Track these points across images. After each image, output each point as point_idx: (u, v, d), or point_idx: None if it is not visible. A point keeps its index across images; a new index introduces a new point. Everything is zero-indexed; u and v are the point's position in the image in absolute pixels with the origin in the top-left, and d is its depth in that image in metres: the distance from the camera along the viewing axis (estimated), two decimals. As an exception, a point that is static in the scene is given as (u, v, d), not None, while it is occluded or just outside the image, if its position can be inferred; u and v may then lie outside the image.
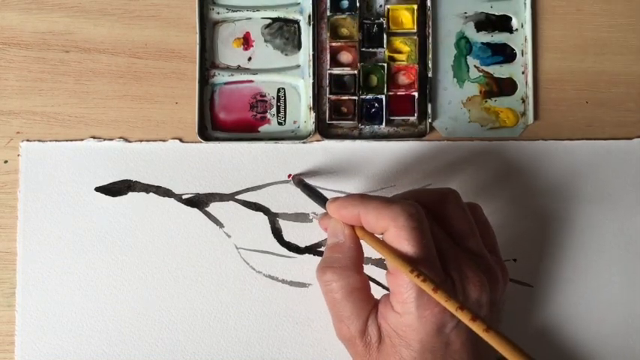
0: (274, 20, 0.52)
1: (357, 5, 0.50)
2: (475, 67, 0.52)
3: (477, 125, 0.51)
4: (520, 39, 0.52)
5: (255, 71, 0.51)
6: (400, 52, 0.51)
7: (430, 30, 0.51)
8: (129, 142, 0.50)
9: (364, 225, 0.41)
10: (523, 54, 0.52)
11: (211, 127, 0.51)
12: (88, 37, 0.51)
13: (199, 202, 0.50)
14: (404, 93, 0.51)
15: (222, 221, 0.50)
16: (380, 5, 0.51)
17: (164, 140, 0.50)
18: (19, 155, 0.50)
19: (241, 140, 0.50)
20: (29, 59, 0.51)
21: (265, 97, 0.51)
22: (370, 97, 0.50)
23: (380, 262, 0.49)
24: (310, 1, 0.51)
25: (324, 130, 0.51)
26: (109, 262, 0.50)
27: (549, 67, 0.52)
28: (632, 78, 0.51)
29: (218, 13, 0.51)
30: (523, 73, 0.51)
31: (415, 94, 0.50)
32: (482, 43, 0.52)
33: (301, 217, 0.50)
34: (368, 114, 0.51)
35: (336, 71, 0.51)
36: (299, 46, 0.51)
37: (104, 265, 0.50)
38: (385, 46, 0.51)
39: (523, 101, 0.51)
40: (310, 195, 0.47)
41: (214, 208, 0.50)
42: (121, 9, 0.51)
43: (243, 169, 0.50)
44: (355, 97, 0.50)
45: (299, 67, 0.51)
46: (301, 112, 0.51)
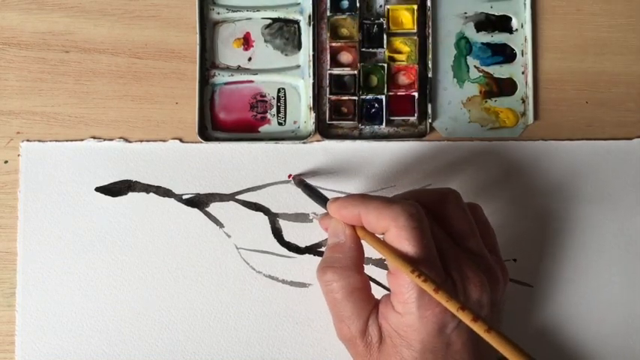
0: (274, 20, 0.52)
1: (357, 5, 0.50)
2: (475, 67, 0.52)
3: (477, 125, 0.51)
4: (520, 39, 0.52)
5: (256, 71, 0.51)
6: (400, 53, 0.51)
7: (430, 30, 0.51)
8: (129, 142, 0.50)
9: (365, 225, 0.41)
10: (523, 54, 0.52)
11: (211, 127, 0.51)
12: (88, 37, 0.51)
13: (199, 202, 0.50)
14: (404, 93, 0.51)
15: (223, 221, 0.50)
16: (380, 5, 0.51)
17: (164, 140, 0.50)
18: (19, 155, 0.50)
19: (241, 140, 0.50)
20: (29, 59, 0.51)
21: (265, 97, 0.51)
22: (370, 97, 0.50)
23: (380, 262, 0.49)
24: (310, 2, 0.51)
25: (324, 131, 0.51)
26: (109, 262, 0.50)
27: (549, 67, 0.52)
28: (632, 78, 0.52)
29: (218, 13, 0.51)
30: (523, 73, 0.51)
31: (415, 94, 0.50)
32: (483, 43, 0.52)
33: (301, 217, 0.50)
34: (368, 114, 0.51)
35: (336, 71, 0.51)
36: (299, 47, 0.51)
37: (104, 265, 0.49)
38: (385, 47, 0.51)
39: (523, 101, 0.51)
40: (311, 195, 0.47)
41: (214, 208, 0.50)
42: (121, 9, 0.51)
43: (243, 169, 0.50)
44: (355, 98, 0.50)
45: (299, 67, 0.51)
46: (301, 113, 0.51)
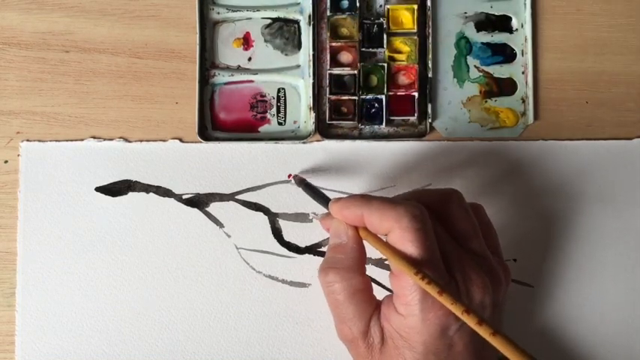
0: (274, 20, 0.52)
1: (357, 5, 0.50)
2: (475, 67, 0.52)
3: (477, 125, 0.51)
4: (520, 39, 0.52)
5: (255, 71, 0.51)
6: (400, 52, 0.51)
7: (430, 30, 0.51)
8: (129, 142, 0.50)
9: (367, 226, 0.41)
10: (523, 54, 0.52)
11: (211, 127, 0.51)
12: (88, 37, 0.51)
13: (199, 202, 0.50)
14: (404, 93, 0.51)
15: (222, 221, 0.50)
16: (380, 5, 0.51)
17: (164, 140, 0.50)
18: (19, 155, 0.50)
19: (241, 140, 0.50)
20: (29, 59, 0.51)
21: (265, 97, 0.51)
22: (370, 97, 0.50)
23: (380, 262, 0.49)
24: (310, 1, 0.51)
25: (324, 130, 0.51)
26: (109, 262, 0.49)
27: (549, 67, 0.52)
28: (632, 78, 0.52)
29: (218, 13, 0.51)
30: (523, 73, 0.51)
31: (415, 94, 0.50)
32: (482, 43, 0.52)
33: (301, 217, 0.50)
34: (368, 114, 0.51)
35: (336, 71, 0.51)
36: (299, 46, 0.51)
37: (104, 265, 0.49)
38: (385, 46, 0.51)
39: (523, 101, 0.51)
40: (312, 195, 0.47)
41: (214, 208, 0.50)
42: (121, 9, 0.51)
43: (243, 169, 0.50)
44: (355, 97, 0.50)
45: (299, 67, 0.51)
46: (301, 112, 0.51)
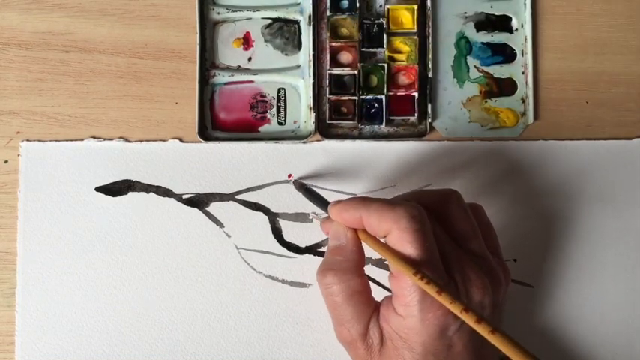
0: (274, 20, 0.52)
1: (357, 5, 0.50)
2: (475, 67, 0.52)
3: (477, 125, 0.51)
4: (520, 39, 0.52)
5: (256, 71, 0.51)
6: (400, 52, 0.51)
7: (430, 30, 0.51)
8: (129, 142, 0.50)
9: (366, 228, 0.41)
10: (523, 54, 0.52)
11: (211, 127, 0.51)
12: (88, 37, 0.51)
13: (199, 202, 0.50)
14: (404, 93, 0.51)
15: (222, 221, 0.50)
16: (380, 5, 0.51)
17: (164, 140, 0.50)
18: (19, 155, 0.50)
19: (241, 140, 0.50)
20: (29, 59, 0.51)
21: (265, 97, 0.51)
22: (370, 97, 0.50)
23: (380, 263, 0.49)
24: (310, 1, 0.51)
25: (324, 130, 0.51)
26: (109, 262, 0.50)
27: (549, 67, 0.52)
28: (632, 78, 0.52)
29: (218, 13, 0.51)
30: (523, 73, 0.51)
31: (415, 94, 0.50)
32: (482, 43, 0.52)
33: (301, 217, 0.50)
34: (368, 114, 0.51)
35: (336, 71, 0.51)
36: (299, 46, 0.51)
37: (104, 265, 0.49)
38: (385, 46, 0.51)
39: (523, 101, 0.51)
40: (311, 199, 0.47)
41: (214, 208, 0.50)
42: (121, 9, 0.51)
43: (243, 169, 0.50)
44: (355, 97, 0.50)
45: (299, 67, 0.51)
46: (301, 112, 0.51)
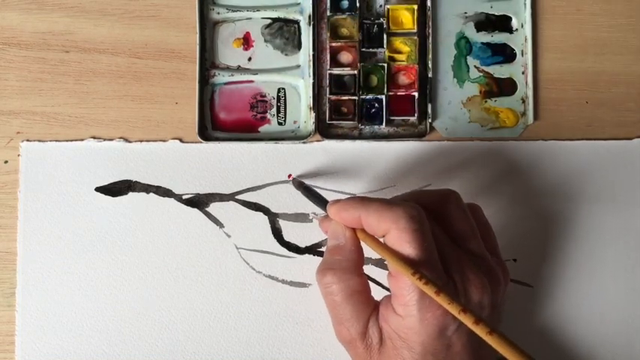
0: (274, 20, 0.52)
1: (357, 5, 0.50)
2: (475, 67, 0.51)
3: (477, 125, 0.51)
4: (520, 39, 0.52)
5: (256, 71, 0.51)
6: (400, 52, 0.51)
7: (430, 30, 0.51)
8: (129, 142, 0.50)
9: (365, 227, 0.41)
10: (523, 54, 0.51)
11: (211, 127, 0.51)
12: (88, 37, 0.51)
13: (199, 202, 0.50)
14: (404, 93, 0.51)
15: (222, 221, 0.50)
16: (380, 5, 0.51)
17: (164, 140, 0.50)
18: (19, 155, 0.50)
19: (241, 140, 0.50)
20: (29, 59, 0.51)
21: (265, 97, 0.51)
22: (370, 97, 0.50)
23: (380, 262, 0.49)
24: (310, 1, 0.51)
25: (324, 130, 0.51)
26: (109, 262, 0.50)
27: (549, 67, 0.52)
28: (632, 78, 0.51)
29: (218, 13, 0.51)
30: (523, 73, 0.51)
31: (415, 94, 0.50)
32: (482, 43, 0.52)
33: (301, 217, 0.50)
34: (368, 114, 0.51)
35: (336, 71, 0.51)
36: (299, 46, 0.51)
37: (104, 265, 0.50)
38: (385, 46, 0.50)
39: (523, 101, 0.51)
40: (310, 197, 0.47)
41: (214, 208, 0.50)
42: (121, 9, 0.51)
43: (243, 169, 0.50)
44: (355, 97, 0.50)
45: (299, 67, 0.51)
46: (301, 112, 0.51)
